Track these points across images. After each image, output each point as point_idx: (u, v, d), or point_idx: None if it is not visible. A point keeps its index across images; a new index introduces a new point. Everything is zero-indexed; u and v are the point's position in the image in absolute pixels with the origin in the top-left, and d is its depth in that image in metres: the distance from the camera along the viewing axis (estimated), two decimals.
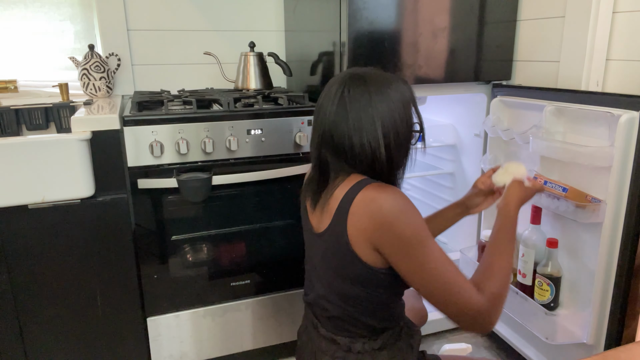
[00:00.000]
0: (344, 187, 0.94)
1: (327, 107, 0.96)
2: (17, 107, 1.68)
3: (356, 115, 0.93)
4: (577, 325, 1.36)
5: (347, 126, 0.93)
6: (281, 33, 2.04)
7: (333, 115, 0.94)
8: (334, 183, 0.97)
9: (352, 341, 1.01)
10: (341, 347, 1.01)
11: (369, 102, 0.93)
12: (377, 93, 0.94)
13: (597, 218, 1.23)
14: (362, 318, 0.99)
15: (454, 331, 1.90)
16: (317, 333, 1.06)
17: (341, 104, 0.94)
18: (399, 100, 0.95)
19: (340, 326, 1.01)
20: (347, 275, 0.95)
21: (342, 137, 0.94)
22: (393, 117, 0.94)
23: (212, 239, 1.53)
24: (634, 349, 0.69)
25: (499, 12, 1.57)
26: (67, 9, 1.83)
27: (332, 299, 1.00)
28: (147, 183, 1.39)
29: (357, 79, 0.95)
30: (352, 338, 1.01)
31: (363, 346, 1.00)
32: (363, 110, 0.93)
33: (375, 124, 0.93)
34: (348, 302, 0.98)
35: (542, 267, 1.40)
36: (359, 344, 1.00)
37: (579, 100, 1.32)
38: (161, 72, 1.92)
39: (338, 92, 0.95)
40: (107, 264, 1.41)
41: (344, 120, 0.93)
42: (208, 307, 1.56)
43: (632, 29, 1.30)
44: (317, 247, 1.02)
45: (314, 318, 1.08)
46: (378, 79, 0.96)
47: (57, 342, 1.42)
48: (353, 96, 0.93)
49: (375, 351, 1.01)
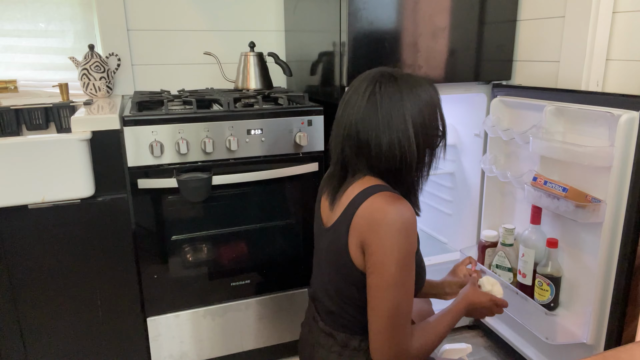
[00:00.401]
0: (357, 188, 0.94)
1: (355, 103, 0.95)
2: (17, 107, 1.68)
3: (387, 113, 0.92)
4: (577, 325, 1.36)
5: (376, 123, 0.92)
6: (281, 33, 2.04)
7: (362, 111, 0.94)
8: (350, 181, 0.97)
9: (348, 337, 1.01)
10: (338, 342, 1.02)
11: (401, 100, 0.93)
12: (408, 93, 0.93)
13: (597, 218, 1.23)
14: (358, 316, 0.99)
15: (454, 331, 1.90)
16: (316, 326, 1.07)
17: (372, 101, 0.93)
18: (428, 103, 0.95)
19: (338, 322, 1.02)
20: (343, 274, 0.96)
21: (369, 133, 0.93)
22: (423, 118, 0.94)
23: (212, 239, 1.53)
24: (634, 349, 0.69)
25: (499, 12, 1.57)
26: (67, 9, 1.83)
27: (331, 294, 1.01)
28: (147, 183, 1.39)
29: (389, 78, 0.95)
30: (349, 334, 1.01)
31: (359, 344, 1.01)
32: (394, 108, 0.92)
33: (407, 122, 0.92)
34: (345, 299, 0.99)
35: (542, 267, 1.41)
36: (355, 341, 1.01)
37: (579, 100, 1.32)
38: (161, 72, 1.92)
39: (369, 88, 0.94)
40: (107, 264, 1.41)
41: (374, 117, 0.93)
42: (208, 307, 1.56)
43: (632, 29, 1.30)
44: (324, 240, 1.03)
45: (315, 311, 1.09)
46: (409, 79, 0.96)
47: (57, 342, 1.42)
48: (385, 93, 0.93)
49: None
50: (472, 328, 1.91)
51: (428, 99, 0.95)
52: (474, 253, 1.71)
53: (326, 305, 1.04)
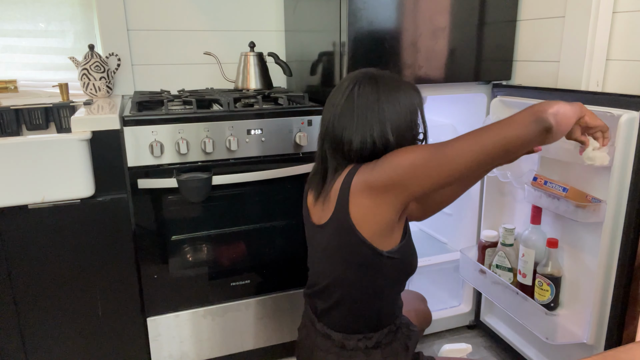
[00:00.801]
0: (342, 177, 0.97)
1: (335, 101, 0.99)
2: (17, 107, 1.68)
3: (362, 113, 0.95)
4: (577, 325, 1.36)
5: (350, 121, 0.96)
6: (281, 33, 2.04)
7: (339, 109, 0.97)
8: (334, 176, 0.99)
9: (345, 337, 1.02)
10: (335, 343, 1.02)
11: (377, 102, 0.95)
12: (386, 94, 0.96)
13: (597, 218, 1.23)
14: (361, 309, 1.00)
15: (454, 331, 1.90)
16: (314, 329, 1.07)
17: (349, 100, 0.96)
18: (407, 106, 0.97)
19: (337, 322, 1.02)
20: (353, 261, 0.97)
21: (342, 130, 0.96)
22: (398, 121, 0.96)
23: (212, 239, 1.53)
24: (634, 349, 0.69)
25: (499, 12, 1.57)
26: (67, 9, 1.83)
27: (333, 290, 1.01)
28: (147, 183, 1.39)
29: (370, 79, 0.98)
30: (347, 334, 1.02)
31: (357, 343, 1.01)
32: (369, 109, 0.95)
33: (383, 124, 0.94)
34: (349, 291, 0.99)
35: (542, 267, 1.40)
36: (352, 341, 1.01)
37: (579, 100, 1.31)
38: (161, 72, 1.92)
39: (348, 88, 0.98)
40: (107, 264, 1.41)
41: (349, 115, 0.96)
42: (208, 307, 1.56)
43: (632, 29, 1.30)
44: (319, 239, 1.03)
45: (312, 313, 1.09)
46: (390, 82, 0.98)
47: (57, 342, 1.42)
48: (362, 94, 0.96)
49: (369, 349, 1.02)
50: (472, 328, 1.91)
51: (408, 102, 0.97)
52: (474, 253, 1.71)
53: (323, 306, 1.04)
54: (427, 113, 1.06)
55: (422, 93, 1.02)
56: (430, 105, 1.91)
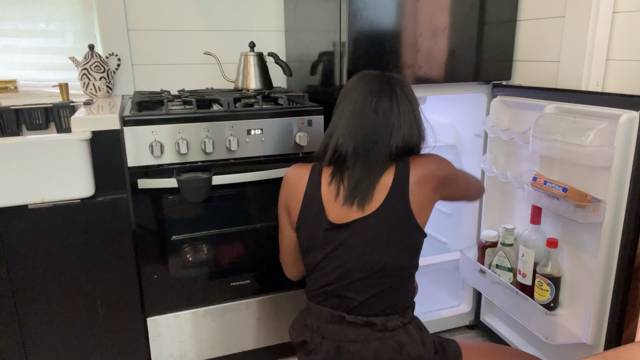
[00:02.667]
0: (391, 172, 1.07)
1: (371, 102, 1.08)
2: (17, 107, 1.68)
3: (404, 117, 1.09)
4: (577, 325, 1.36)
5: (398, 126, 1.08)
6: (281, 33, 2.04)
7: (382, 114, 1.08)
8: (378, 172, 1.07)
9: (387, 319, 1.07)
10: (377, 327, 1.06)
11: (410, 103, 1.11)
12: (413, 96, 1.13)
13: (597, 218, 1.23)
14: (403, 290, 1.09)
15: (454, 331, 1.90)
16: (341, 325, 1.08)
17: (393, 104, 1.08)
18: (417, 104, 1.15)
19: (376, 307, 1.07)
20: (407, 245, 1.07)
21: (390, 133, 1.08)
22: (421, 120, 1.15)
23: (212, 239, 1.53)
24: (634, 349, 0.69)
25: (499, 12, 1.57)
26: (67, 9, 1.83)
27: (381, 276, 1.06)
28: (147, 183, 1.39)
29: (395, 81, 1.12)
30: (387, 316, 1.07)
31: (396, 322, 1.07)
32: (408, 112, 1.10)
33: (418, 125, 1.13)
34: (400, 273, 1.08)
35: (542, 267, 1.41)
36: (393, 321, 1.07)
37: (579, 100, 1.32)
38: (161, 72, 1.92)
39: (387, 89, 1.09)
40: (107, 264, 1.41)
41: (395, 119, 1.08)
42: (208, 307, 1.56)
43: (632, 29, 1.30)
44: (358, 231, 1.06)
45: (337, 310, 1.09)
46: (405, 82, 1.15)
47: (57, 342, 1.42)
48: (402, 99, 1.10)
49: (406, 325, 1.09)
50: (472, 328, 1.91)
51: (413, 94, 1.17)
52: (474, 253, 1.71)
53: (362, 297, 1.07)
54: (427, 113, 1.18)
55: (422, 93, 1.11)
56: (430, 105, 1.91)
